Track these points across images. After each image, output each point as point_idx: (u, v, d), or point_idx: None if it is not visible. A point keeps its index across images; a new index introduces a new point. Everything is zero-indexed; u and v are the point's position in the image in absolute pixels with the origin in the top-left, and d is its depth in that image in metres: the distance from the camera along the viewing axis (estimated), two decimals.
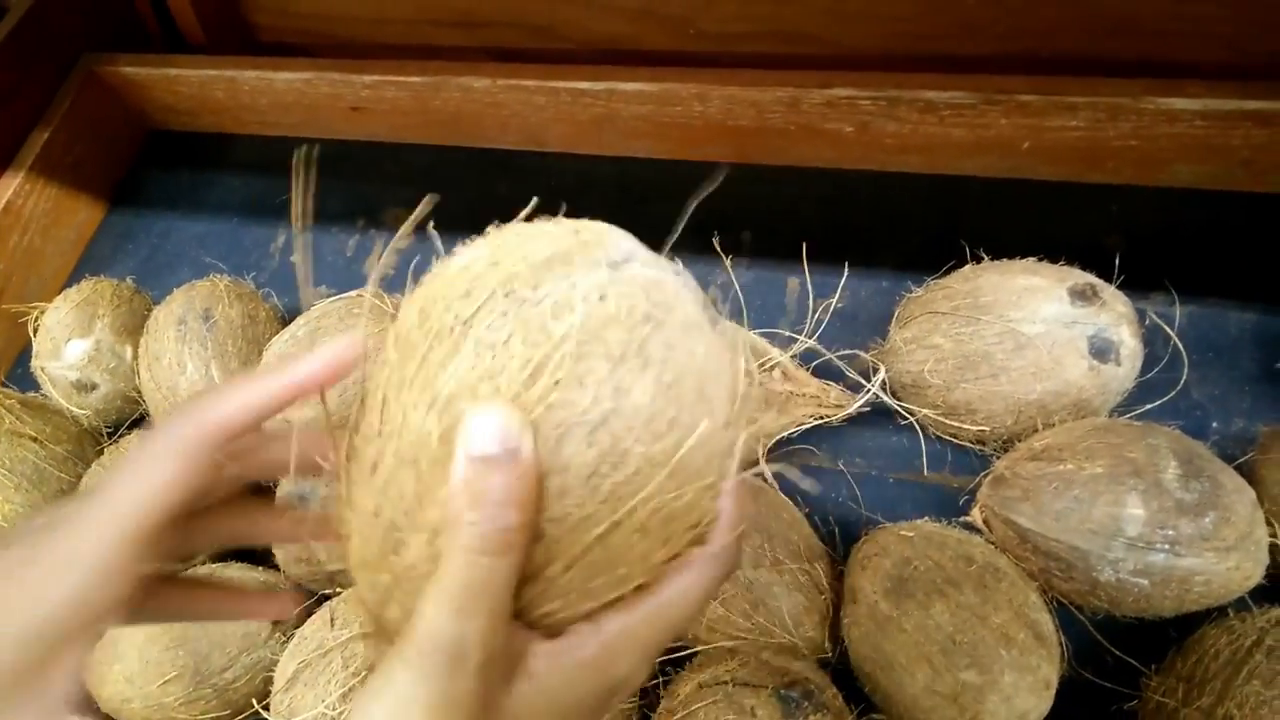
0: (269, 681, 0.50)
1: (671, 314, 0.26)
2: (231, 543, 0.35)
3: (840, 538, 0.53)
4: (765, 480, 0.53)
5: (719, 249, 0.64)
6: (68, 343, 0.64)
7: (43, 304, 0.67)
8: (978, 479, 0.51)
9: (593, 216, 0.74)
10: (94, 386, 0.64)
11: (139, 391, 0.64)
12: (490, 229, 0.29)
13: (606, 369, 0.24)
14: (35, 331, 0.66)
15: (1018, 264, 0.52)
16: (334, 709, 0.46)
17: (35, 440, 0.61)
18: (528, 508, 0.24)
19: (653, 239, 0.70)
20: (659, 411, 0.25)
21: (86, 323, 0.65)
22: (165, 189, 0.83)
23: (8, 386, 0.64)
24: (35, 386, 0.66)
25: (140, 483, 0.29)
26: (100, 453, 0.61)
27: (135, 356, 0.65)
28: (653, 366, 0.25)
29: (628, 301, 0.25)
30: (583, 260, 0.26)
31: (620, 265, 0.26)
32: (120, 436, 0.65)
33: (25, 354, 0.69)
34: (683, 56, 0.75)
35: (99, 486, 0.29)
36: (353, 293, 0.62)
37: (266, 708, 0.49)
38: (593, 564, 0.25)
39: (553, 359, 0.24)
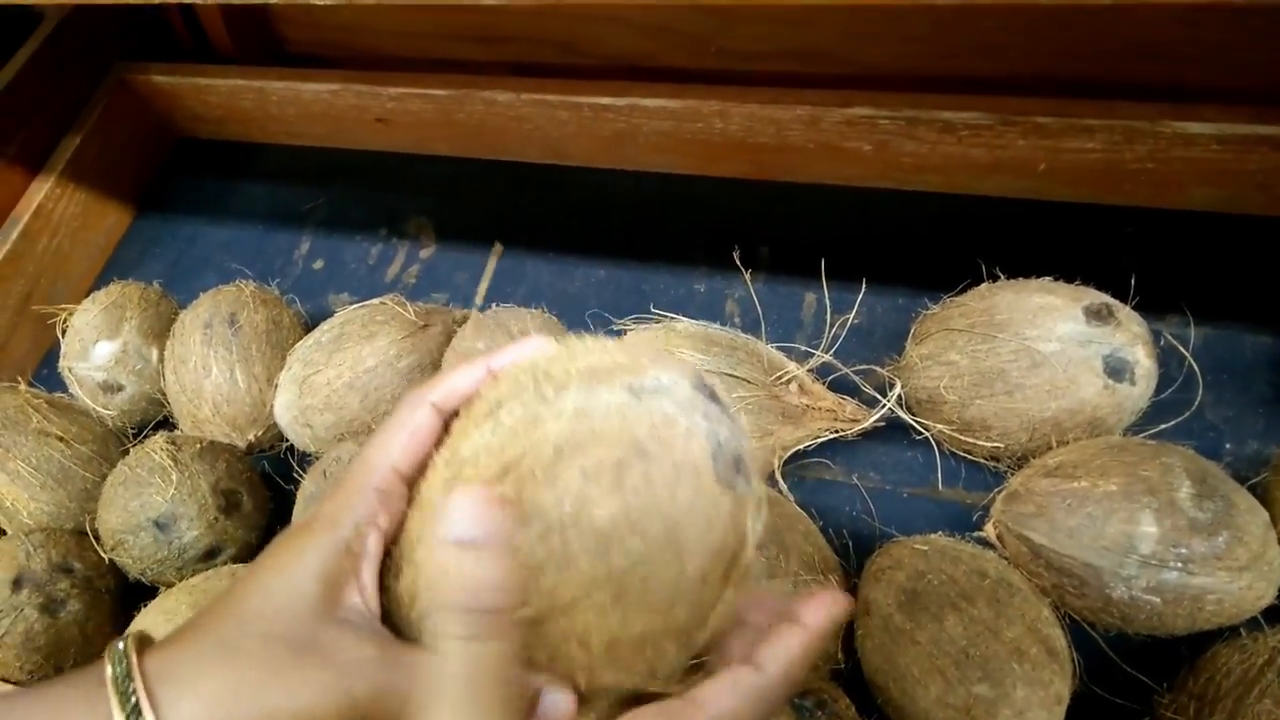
0: None
1: (667, 453, 0.26)
2: None
3: (854, 551, 0.53)
4: (781, 492, 0.53)
5: (738, 263, 0.65)
6: (95, 344, 0.65)
7: (71, 306, 0.68)
8: (991, 495, 0.51)
9: (612, 230, 0.75)
10: (120, 388, 0.65)
11: (164, 394, 0.65)
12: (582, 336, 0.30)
13: (579, 480, 0.26)
14: (64, 333, 0.67)
15: (1034, 283, 0.52)
16: None
17: (61, 440, 0.62)
18: (508, 589, 0.25)
19: (671, 253, 0.71)
20: (617, 535, 0.26)
21: (114, 325, 0.66)
22: (192, 196, 0.84)
23: (35, 386, 0.65)
24: (62, 387, 0.67)
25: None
26: (125, 453, 0.62)
27: (161, 359, 0.66)
28: (623, 493, 0.26)
29: (625, 427, 0.26)
30: (613, 379, 0.27)
31: (643, 393, 0.27)
32: (144, 438, 0.66)
33: (53, 355, 0.70)
34: (702, 74, 0.76)
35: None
36: (375, 300, 0.63)
37: None
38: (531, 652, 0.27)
39: (536, 455, 0.26)
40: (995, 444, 0.51)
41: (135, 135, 0.84)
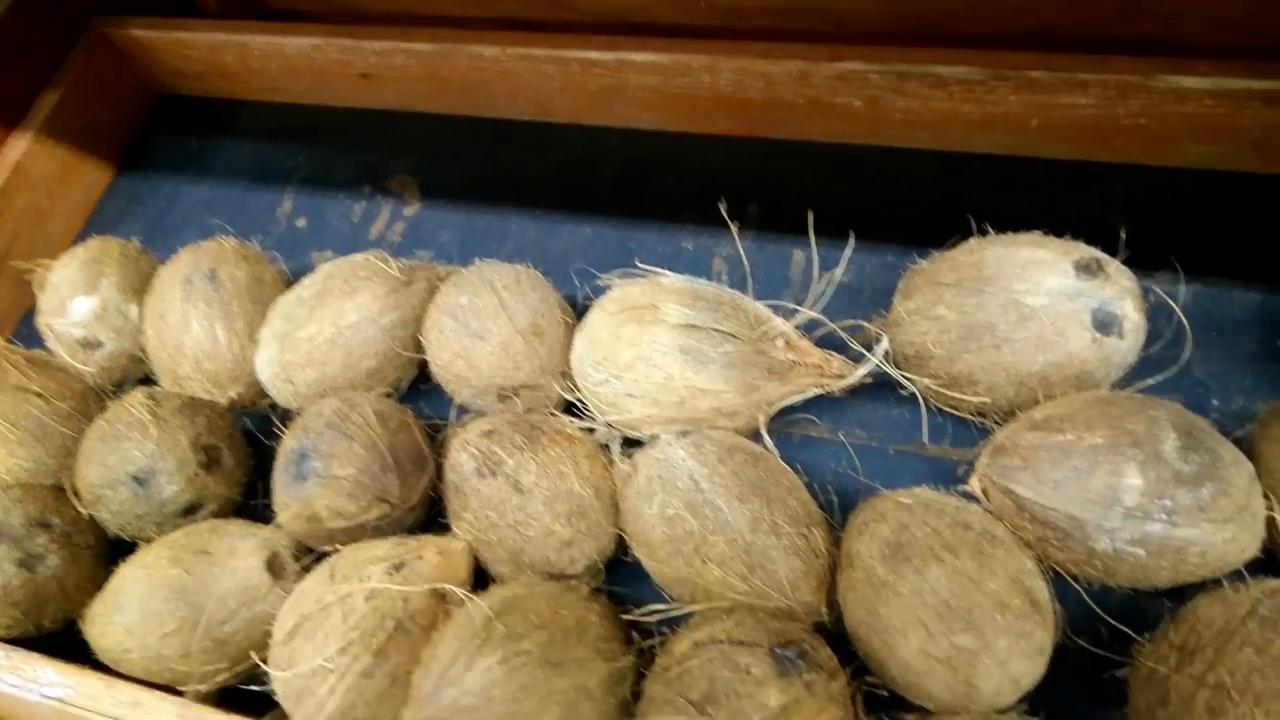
0: (269, 635, 0.50)
1: None
2: None
3: (839, 508, 0.53)
4: (767, 448, 0.53)
5: (726, 221, 0.64)
6: (73, 300, 0.64)
7: (48, 261, 0.67)
8: (978, 450, 0.51)
9: (598, 188, 0.75)
10: (99, 344, 0.64)
11: (144, 350, 0.65)
12: None
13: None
14: (41, 288, 0.66)
15: (1023, 237, 0.52)
16: (332, 661, 0.46)
17: (40, 396, 0.61)
18: None
19: (660, 211, 0.70)
20: None
21: (92, 280, 0.65)
22: (174, 153, 0.83)
23: (14, 343, 0.64)
24: (41, 344, 0.66)
25: None
26: (105, 410, 0.61)
27: (141, 316, 0.65)
28: None
29: None
30: None
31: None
32: (125, 396, 0.65)
33: (32, 313, 0.69)
34: (693, 30, 0.75)
35: None
36: (359, 255, 0.63)
37: (265, 660, 0.50)
38: None
39: None
40: (982, 399, 0.51)
41: (115, 91, 0.82)
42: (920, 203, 0.64)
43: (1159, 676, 0.41)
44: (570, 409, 0.57)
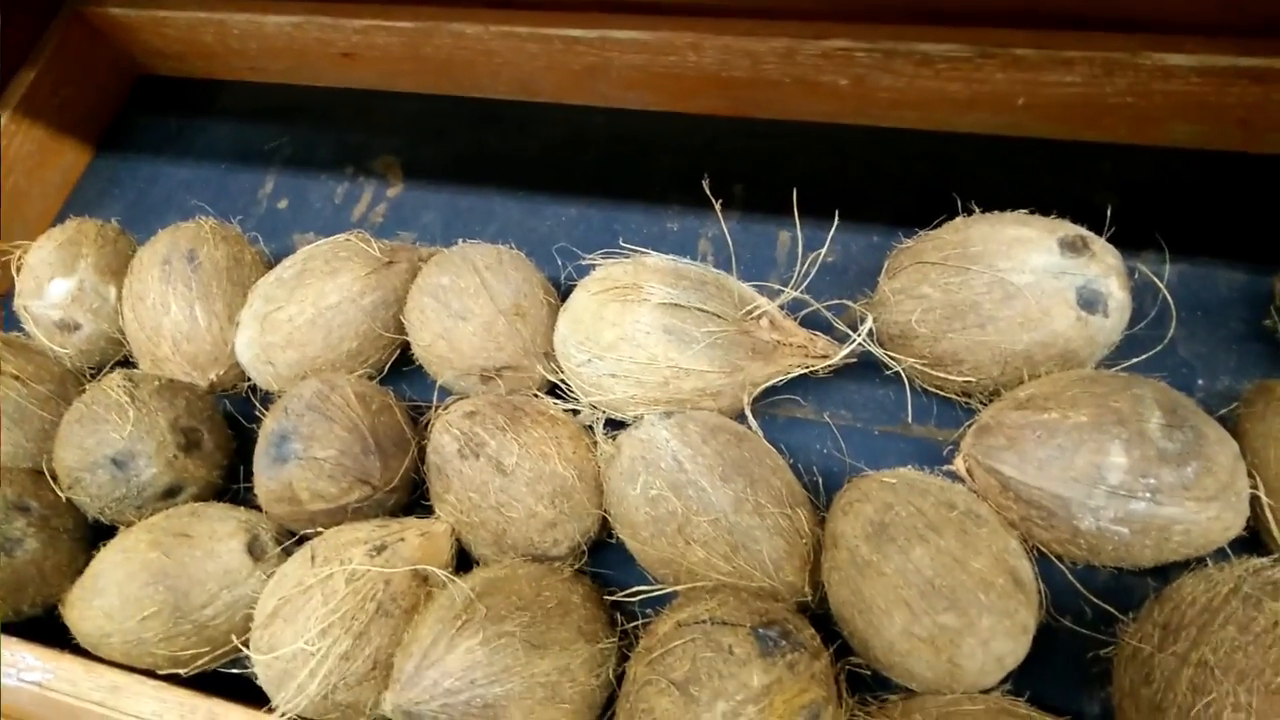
0: (249, 618, 0.50)
1: None
2: None
3: (824, 488, 0.53)
4: (751, 429, 0.53)
5: (711, 201, 0.63)
6: (50, 282, 0.64)
7: (25, 243, 0.66)
8: (962, 430, 0.51)
9: (583, 168, 0.74)
10: (77, 326, 0.64)
11: (123, 333, 0.64)
12: None
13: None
14: (18, 270, 0.66)
15: (1009, 215, 0.51)
16: (313, 644, 0.46)
17: (17, 379, 0.60)
18: None
19: (645, 192, 0.69)
20: None
21: (70, 262, 0.64)
22: (153, 134, 0.82)
23: None
24: (18, 326, 0.65)
25: None
26: (83, 393, 0.60)
27: (119, 298, 0.64)
28: None
29: None
30: None
31: None
32: (103, 378, 0.64)
33: (10, 295, 0.68)
34: (677, 8, 0.74)
35: None
36: (341, 236, 0.62)
37: (246, 644, 0.49)
38: None
39: None
40: (967, 378, 0.51)
41: (92, 70, 0.81)
42: (907, 182, 0.64)
43: (1143, 655, 0.41)
44: (554, 390, 0.57)
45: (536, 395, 0.56)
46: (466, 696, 0.42)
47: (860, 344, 0.52)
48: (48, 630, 0.53)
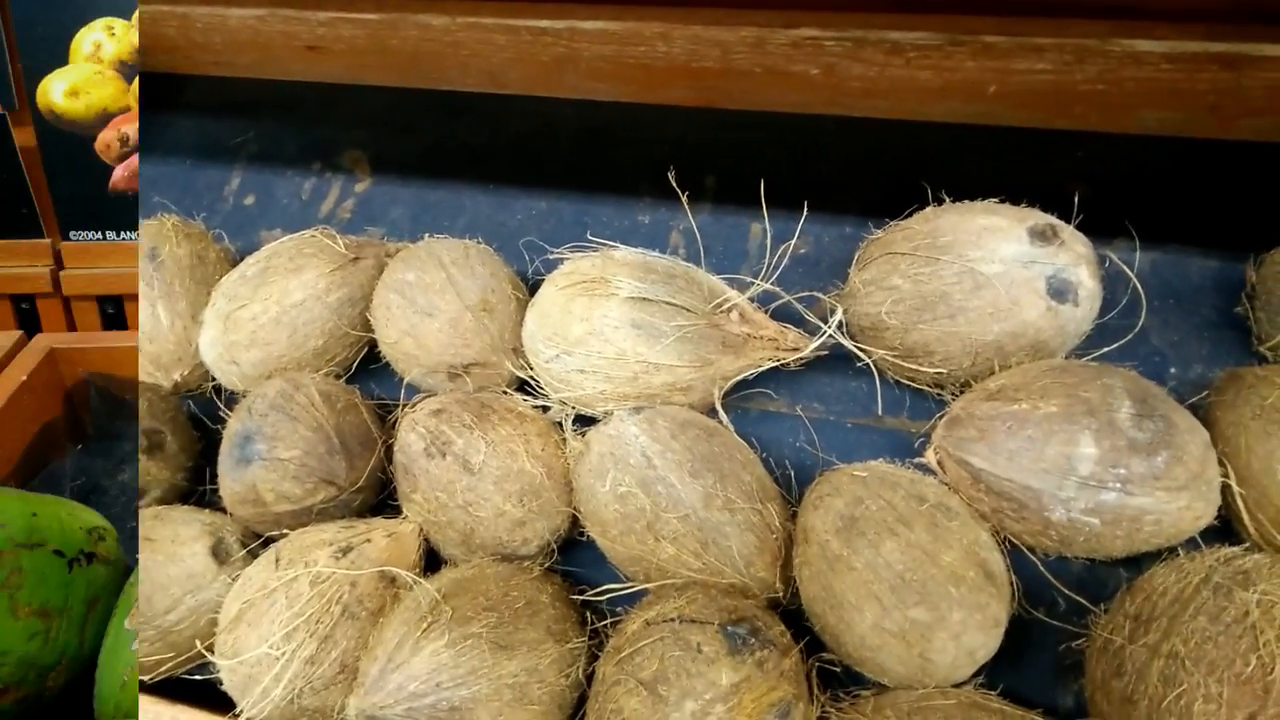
0: (213, 623, 0.49)
1: None
2: None
3: (796, 482, 0.52)
4: (722, 423, 0.52)
5: (681, 194, 0.63)
6: None
7: None
8: (934, 422, 0.50)
9: (552, 162, 0.73)
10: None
11: None
12: None
13: None
14: None
15: (979, 205, 0.51)
16: (278, 648, 0.45)
17: None
18: None
19: (616, 184, 0.68)
20: None
21: None
22: None
23: None
24: None
25: None
26: None
27: None
28: None
29: None
30: None
31: None
32: None
33: None
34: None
35: None
36: (306, 232, 0.61)
37: (210, 649, 0.49)
38: None
39: None
40: (938, 370, 0.50)
41: None
42: (879, 173, 0.63)
43: (1114, 647, 0.41)
44: (523, 387, 0.56)
45: (505, 392, 0.55)
46: (432, 700, 0.42)
47: (831, 336, 0.51)
48: None
